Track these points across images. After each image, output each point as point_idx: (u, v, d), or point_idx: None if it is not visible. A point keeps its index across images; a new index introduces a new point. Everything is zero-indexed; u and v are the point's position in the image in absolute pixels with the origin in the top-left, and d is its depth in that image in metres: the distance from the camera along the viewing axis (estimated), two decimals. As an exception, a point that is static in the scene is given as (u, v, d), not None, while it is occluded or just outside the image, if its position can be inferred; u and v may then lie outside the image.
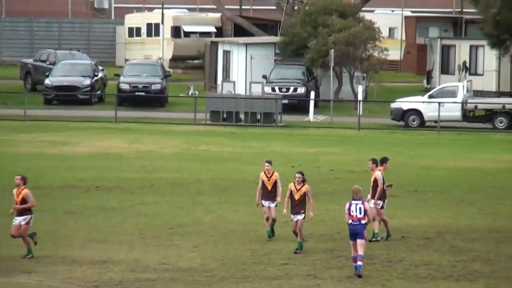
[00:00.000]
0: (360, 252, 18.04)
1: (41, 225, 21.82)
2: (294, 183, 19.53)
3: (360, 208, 18.14)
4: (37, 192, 25.68)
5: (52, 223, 22.13)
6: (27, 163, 30.28)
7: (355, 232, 18.05)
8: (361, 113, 41.81)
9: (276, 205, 20.46)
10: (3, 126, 39.04)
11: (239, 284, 17.54)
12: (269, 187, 20.35)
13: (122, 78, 45.94)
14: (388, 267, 18.79)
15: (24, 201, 18.85)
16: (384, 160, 20.95)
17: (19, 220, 18.87)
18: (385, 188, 20.75)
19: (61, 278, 17.78)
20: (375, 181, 20.50)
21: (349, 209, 18.20)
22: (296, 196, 19.47)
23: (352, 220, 18.13)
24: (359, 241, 17.97)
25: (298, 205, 19.44)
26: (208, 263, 18.89)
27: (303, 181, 19.48)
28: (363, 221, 18.09)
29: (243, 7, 61.49)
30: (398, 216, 22.66)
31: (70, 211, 23.39)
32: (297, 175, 19.58)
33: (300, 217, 19.46)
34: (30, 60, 50.79)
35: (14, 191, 19.09)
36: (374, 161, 20.67)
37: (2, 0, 60.69)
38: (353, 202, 18.23)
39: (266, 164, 20.56)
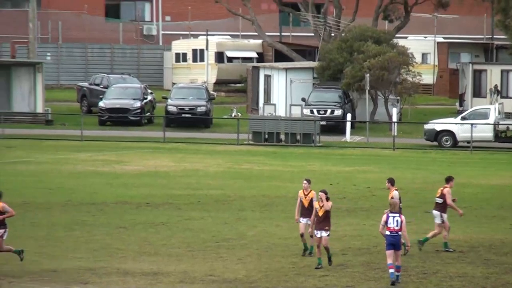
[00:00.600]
0: (398, 262, 18.22)
1: (97, 239, 22.10)
2: (319, 201, 19.47)
3: (397, 221, 18.29)
4: (92, 208, 26.03)
5: (107, 236, 22.35)
6: (83, 180, 30.60)
7: (394, 243, 18.20)
8: (395, 133, 41.70)
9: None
10: (62, 145, 39.48)
11: (282, 295, 17.63)
12: (306, 204, 20.25)
13: (169, 101, 46.28)
14: (423, 278, 18.74)
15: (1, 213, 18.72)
16: (449, 179, 21.45)
17: None
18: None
19: (115, 288, 17.99)
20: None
21: (386, 221, 18.33)
22: (320, 213, 19.36)
23: (391, 232, 18.26)
24: (397, 252, 18.21)
25: (322, 222, 19.33)
26: (252, 274, 18.95)
27: (327, 199, 19.34)
28: (400, 233, 18.25)
29: (283, 33, 61.66)
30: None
31: (122, 226, 23.59)
32: (320, 193, 19.43)
33: (324, 233, 19.33)
34: (85, 84, 51.24)
35: None
36: (390, 180, 20.85)
37: (59, 28, 61.46)
38: (390, 214, 18.36)
39: (305, 182, 20.45)
